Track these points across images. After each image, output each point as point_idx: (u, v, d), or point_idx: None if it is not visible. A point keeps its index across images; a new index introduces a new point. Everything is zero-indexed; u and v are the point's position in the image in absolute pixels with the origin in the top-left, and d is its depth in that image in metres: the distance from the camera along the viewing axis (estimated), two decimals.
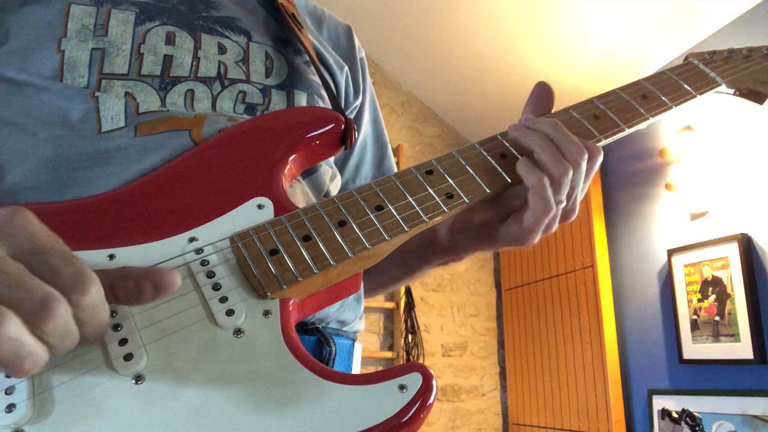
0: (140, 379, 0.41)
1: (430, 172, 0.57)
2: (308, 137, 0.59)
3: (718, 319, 2.24)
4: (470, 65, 3.17)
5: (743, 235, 2.19)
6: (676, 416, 2.30)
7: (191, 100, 0.60)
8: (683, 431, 2.25)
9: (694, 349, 2.33)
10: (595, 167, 0.60)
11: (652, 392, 2.51)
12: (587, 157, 0.58)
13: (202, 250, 0.48)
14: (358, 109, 0.83)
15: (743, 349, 2.12)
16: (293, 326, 0.47)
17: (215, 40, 0.65)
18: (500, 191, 0.58)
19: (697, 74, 0.74)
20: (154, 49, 0.60)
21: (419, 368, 0.43)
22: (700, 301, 2.32)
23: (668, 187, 2.53)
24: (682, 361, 2.37)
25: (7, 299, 0.33)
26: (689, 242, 2.40)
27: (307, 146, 0.59)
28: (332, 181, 0.73)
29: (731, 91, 0.76)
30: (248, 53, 0.66)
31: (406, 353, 3.14)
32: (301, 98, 0.68)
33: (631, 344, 2.71)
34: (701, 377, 2.32)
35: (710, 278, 2.30)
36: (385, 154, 0.89)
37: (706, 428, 2.21)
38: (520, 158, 0.58)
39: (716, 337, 2.23)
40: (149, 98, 0.58)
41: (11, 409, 0.37)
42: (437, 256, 0.72)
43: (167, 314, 0.44)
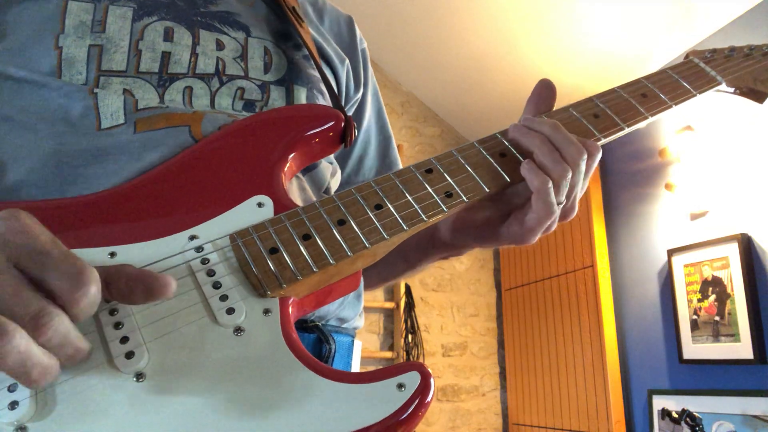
0: (141, 377, 0.41)
1: (429, 170, 0.57)
2: (308, 135, 0.59)
3: (718, 319, 2.24)
4: (470, 65, 3.17)
5: (743, 235, 2.19)
6: (676, 416, 2.30)
7: (189, 97, 0.60)
8: (683, 431, 2.25)
9: (694, 349, 2.33)
10: (594, 165, 0.60)
11: (652, 392, 2.51)
12: (586, 156, 0.58)
13: (202, 248, 0.48)
14: (360, 101, 0.83)
15: (743, 349, 2.12)
16: (293, 324, 0.47)
17: (213, 36, 0.64)
18: (500, 190, 0.58)
19: (697, 73, 0.74)
20: (152, 45, 0.60)
21: (417, 367, 0.43)
22: (700, 301, 2.32)
23: (668, 187, 2.53)
24: (682, 361, 2.37)
25: (8, 311, 0.34)
26: (689, 242, 2.40)
27: (306, 144, 0.58)
28: (333, 176, 0.73)
29: (731, 89, 0.76)
30: (247, 49, 0.66)
31: (406, 353, 3.14)
32: (300, 94, 0.67)
33: (631, 344, 2.71)
34: (701, 377, 2.32)
35: (710, 278, 2.30)
36: (389, 145, 0.88)
37: (706, 428, 2.21)
38: (521, 158, 0.59)
39: (716, 337, 2.23)
40: (147, 95, 0.58)
41: (14, 406, 0.38)
42: (438, 250, 0.72)
43: (168, 312, 0.44)
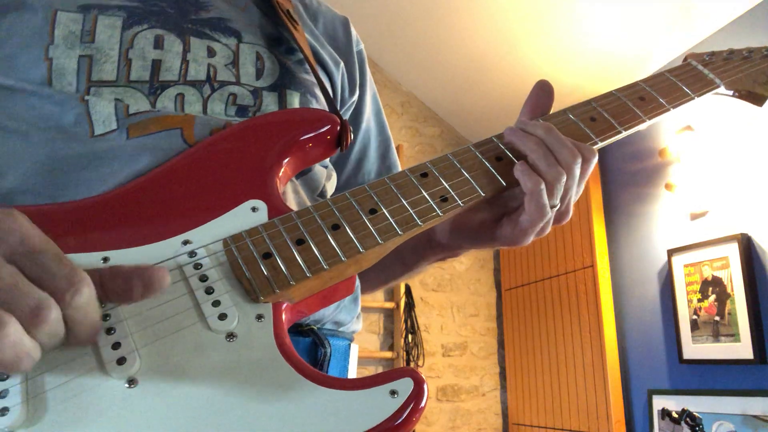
0: (133, 382, 0.41)
1: (424, 174, 0.57)
2: (303, 139, 0.58)
3: (718, 319, 2.24)
4: (470, 65, 3.16)
5: (743, 235, 2.19)
6: (676, 416, 2.30)
7: (181, 103, 0.59)
8: (683, 431, 2.25)
9: (694, 349, 2.32)
10: (589, 170, 0.60)
11: (652, 392, 2.50)
12: (581, 160, 0.58)
13: (195, 253, 0.48)
14: (357, 103, 0.82)
15: (743, 349, 2.12)
16: (286, 330, 0.47)
17: (204, 43, 0.64)
18: (495, 194, 0.58)
19: (695, 75, 0.74)
20: (142, 53, 0.60)
21: (410, 373, 0.43)
22: (700, 301, 2.32)
23: (668, 187, 2.53)
24: (682, 361, 2.37)
25: (5, 303, 0.34)
26: (689, 242, 2.40)
27: (301, 148, 0.58)
28: (328, 180, 0.73)
29: (730, 92, 0.75)
30: (238, 55, 0.65)
31: (406, 353, 3.14)
32: (293, 98, 0.66)
33: (631, 344, 2.70)
34: (701, 377, 2.32)
35: (710, 278, 2.29)
36: (389, 147, 0.88)
37: (706, 428, 2.21)
38: (516, 162, 0.58)
39: (716, 337, 2.23)
40: (139, 103, 0.58)
41: (5, 412, 0.37)
42: (435, 252, 0.72)
43: (160, 318, 0.44)
